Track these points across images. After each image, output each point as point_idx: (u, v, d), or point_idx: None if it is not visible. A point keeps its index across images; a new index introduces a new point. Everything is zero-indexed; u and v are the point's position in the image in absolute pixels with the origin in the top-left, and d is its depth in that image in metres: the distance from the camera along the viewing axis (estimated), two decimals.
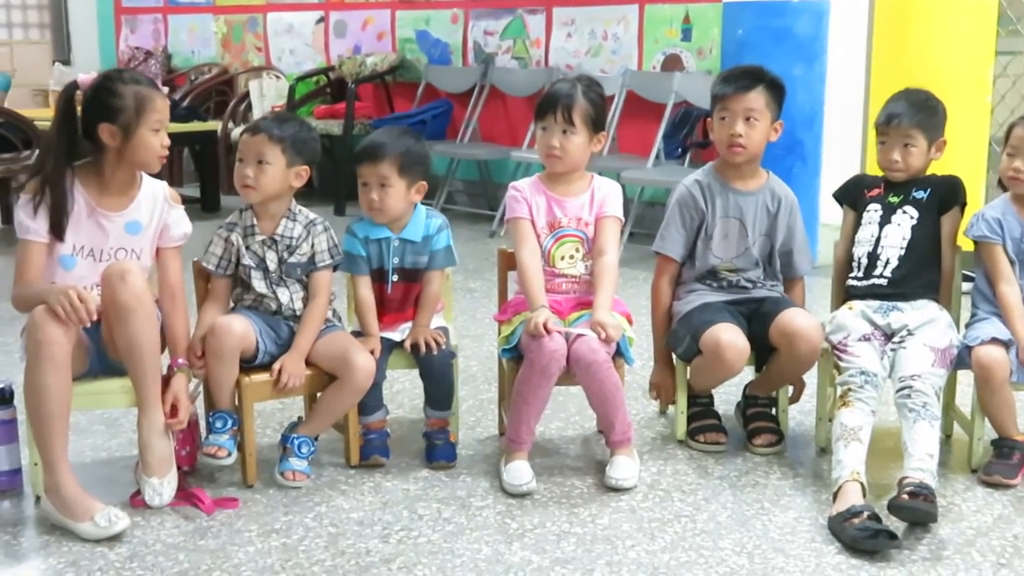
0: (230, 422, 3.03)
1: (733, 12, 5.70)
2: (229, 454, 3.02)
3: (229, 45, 9.27)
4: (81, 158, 2.97)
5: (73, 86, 3.00)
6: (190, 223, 3.12)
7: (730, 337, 3.13)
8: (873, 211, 3.31)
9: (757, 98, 3.24)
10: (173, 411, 2.92)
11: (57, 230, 2.91)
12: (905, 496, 2.74)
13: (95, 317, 2.75)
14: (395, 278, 3.23)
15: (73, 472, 2.83)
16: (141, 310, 2.81)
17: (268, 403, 3.46)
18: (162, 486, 2.87)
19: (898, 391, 2.99)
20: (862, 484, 2.81)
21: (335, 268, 3.19)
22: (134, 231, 3.00)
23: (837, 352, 3.13)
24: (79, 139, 2.95)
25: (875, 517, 2.70)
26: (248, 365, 3.05)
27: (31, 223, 2.90)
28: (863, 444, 2.89)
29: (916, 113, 3.24)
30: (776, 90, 3.29)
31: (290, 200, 3.15)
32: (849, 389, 3.00)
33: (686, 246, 3.38)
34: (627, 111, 6.66)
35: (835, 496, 2.82)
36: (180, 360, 2.99)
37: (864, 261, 3.28)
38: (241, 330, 3.00)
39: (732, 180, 3.35)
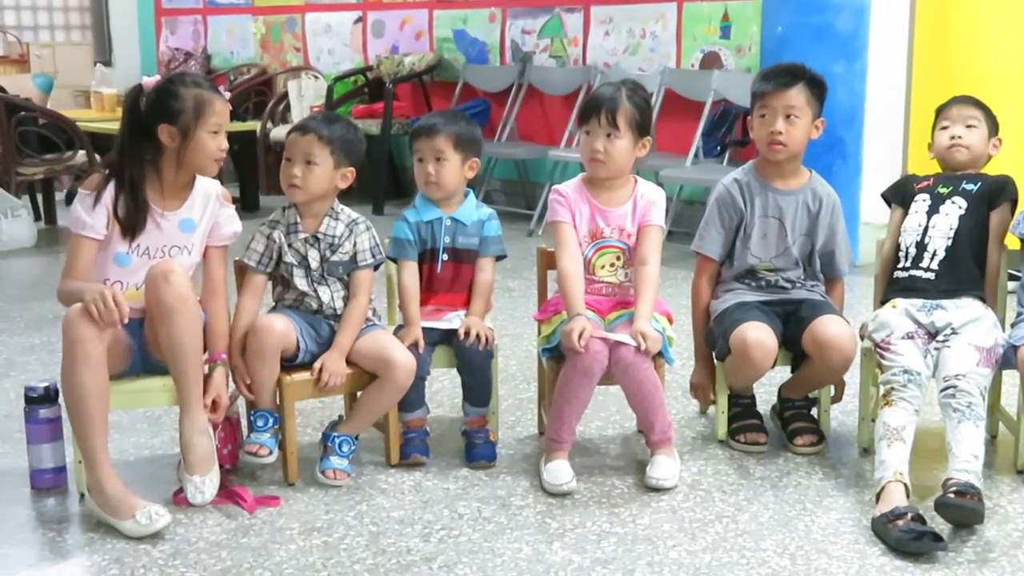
0: (271, 421, 3.04)
1: (772, 9, 5.67)
2: (271, 452, 3.03)
3: (268, 46, 9.32)
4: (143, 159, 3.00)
5: (138, 89, 3.02)
6: (240, 223, 3.15)
7: (757, 336, 3.11)
8: (921, 201, 3.29)
9: (797, 95, 3.22)
10: (214, 406, 2.96)
11: (131, 233, 2.95)
12: (952, 495, 2.71)
13: (126, 320, 2.77)
14: (445, 257, 3.24)
15: (115, 469, 2.85)
16: (185, 310, 2.84)
17: (308, 402, 3.46)
18: (204, 484, 2.88)
19: (942, 391, 2.96)
20: (905, 485, 2.78)
21: (376, 268, 3.20)
22: (188, 229, 3.03)
23: (880, 351, 3.10)
24: (142, 141, 2.98)
25: (919, 519, 2.67)
26: (289, 364, 3.06)
27: (88, 219, 2.93)
28: (906, 444, 2.86)
29: (977, 102, 3.30)
30: (817, 87, 3.26)
31: (333, 199, 3.16)
32: (892, 388, 2.97)
33: (725, 245, 3.36)
34: (665, 109, 6.63)
35: (878, 497, 2.80)
36: (221, 355, 3.01)
37: (912, 251, 3.25)
38: (282, 329, 3.01)
39: (772, 179, 3.32)
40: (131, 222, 2.95)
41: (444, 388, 3.77)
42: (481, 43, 7.88)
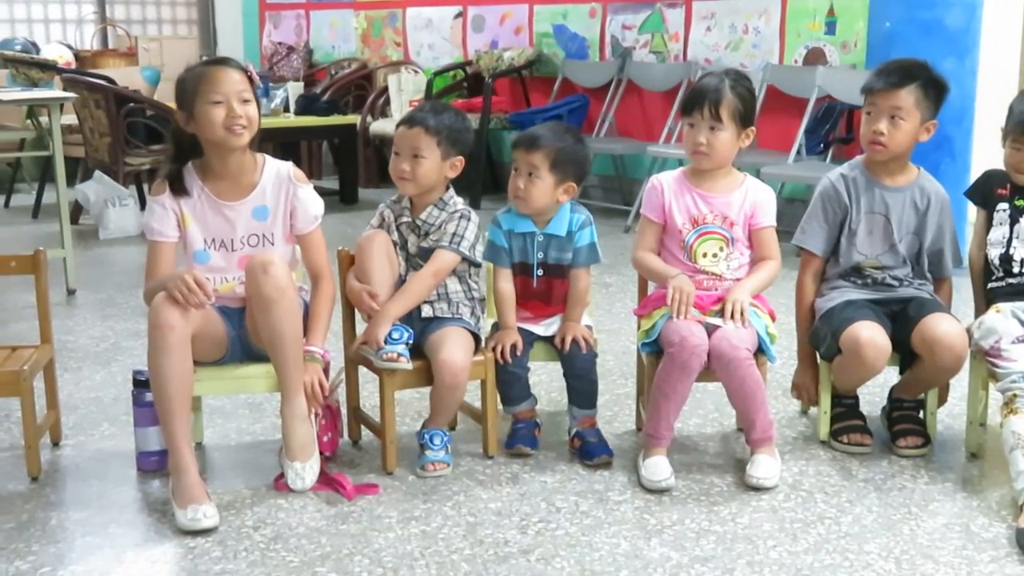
0: (405, 334, 3.00)
1: (880, 4, 5.55)
2: (408, 360, 2.99)
3: (369, 40, 9.41)
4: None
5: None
6: (321, 201, 3.10)
7: (870, 335, 3.04)
8: (1002, 211, 3.18)
9: (906, 97, 3.13)
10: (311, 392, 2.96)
11: (180, 192, 2.96)
12: None
13: (212, 299, 2.80)
14: (540, 272, 3.22)
15: (195, 458, 2.86)
16: (283, 302, 2.85)
17: (407, 392, 3.47)
18: (304, 470, 2.92)
19: None
20: None
21: (470, 264, 3.17)
22: (261, 217, 3.01)
23: (991, 358, 3.00)
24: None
25: None
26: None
27: (157, 225, 2.96)
28: None
29: None
30: (933, 89, 3.16)
31: (443, 190, 3.18)
32: (1015, 395, 2.87)
33: (827, 241, 3.29)
34: (768, 106, 6.52)
35: (1022, 508, 2.71)
36: (311, 348, 2.98)
37: (997, 263, 3.16)
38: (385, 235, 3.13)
39: (879, 175, 3.25)
40: (177, 184, 2.96)
41: (541, 382, 3.76)
42: (581, 38, 7.85)
